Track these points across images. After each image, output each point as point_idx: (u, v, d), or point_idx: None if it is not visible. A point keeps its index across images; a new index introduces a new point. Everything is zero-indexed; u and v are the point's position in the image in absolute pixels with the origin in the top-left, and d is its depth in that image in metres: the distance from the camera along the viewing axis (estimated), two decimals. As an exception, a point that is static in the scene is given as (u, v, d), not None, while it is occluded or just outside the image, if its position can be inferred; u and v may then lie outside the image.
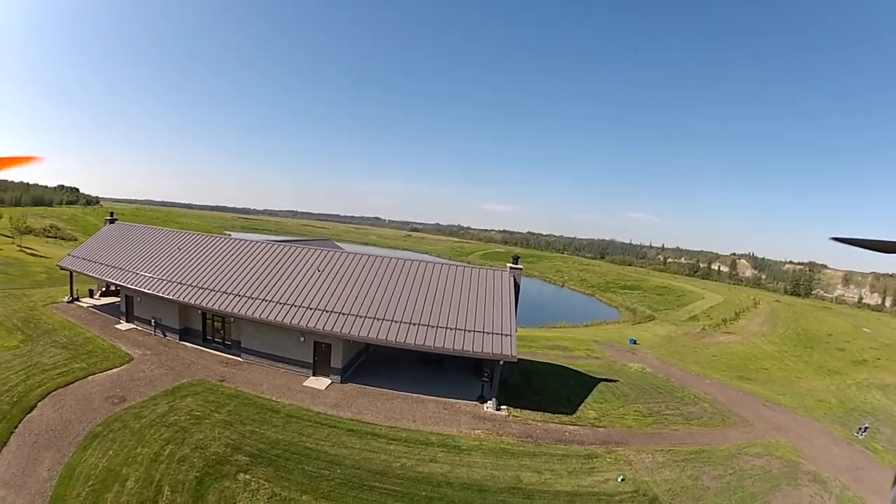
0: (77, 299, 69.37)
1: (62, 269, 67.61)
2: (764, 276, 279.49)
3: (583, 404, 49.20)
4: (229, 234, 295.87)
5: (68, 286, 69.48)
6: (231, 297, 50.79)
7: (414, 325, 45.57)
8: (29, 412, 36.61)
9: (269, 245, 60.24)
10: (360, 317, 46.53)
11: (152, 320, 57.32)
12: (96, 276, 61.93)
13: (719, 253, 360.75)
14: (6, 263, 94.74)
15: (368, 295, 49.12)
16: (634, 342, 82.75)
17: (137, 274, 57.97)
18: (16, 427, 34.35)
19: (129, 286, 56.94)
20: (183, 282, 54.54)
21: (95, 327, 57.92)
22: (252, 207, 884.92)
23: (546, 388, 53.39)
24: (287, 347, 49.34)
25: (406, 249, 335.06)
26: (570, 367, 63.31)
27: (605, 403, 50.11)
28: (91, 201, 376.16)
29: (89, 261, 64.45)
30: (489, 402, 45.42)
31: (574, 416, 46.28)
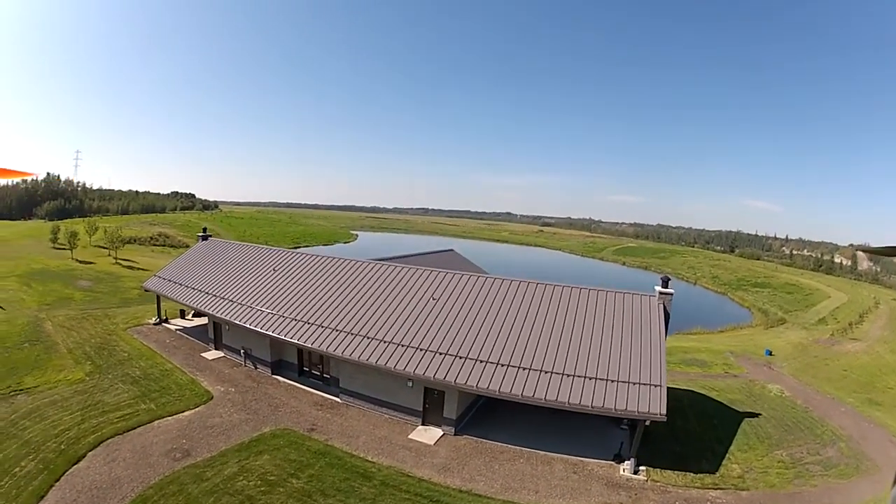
0: (165, 321, 64.79)
1: (146, 290, 62.73)
2: (879, 269, 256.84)
3: (727, 455, 39.55)
4: (357, 234, 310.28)
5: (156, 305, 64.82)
6: (328, 332, 43.27)
7: (544, 373, 36.25)
8: (76, 463, 32.12)
9: (375, 267, 52.31)
10: (480, 361, 37.78)
11: (242, 350, 51.32)
12: (180, 300, 56.66)
13: (838, 244, 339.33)
14: (95, 279, 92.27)
15: (490, 332, 40.36)
16: (770, 353, 76.39)
17: (225, 300, 52.07)
18: (57, 480, 30.09)
19: (215, 314, 51.00)
20: (275, 311, 47.73)
21: (178, 356, 52.71)
22: (382, 206, 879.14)
23: (689, 432, 43.10)
24: (393, 391, 41.36)
25: (539, 246, 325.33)
26: (712, 393, 54.33)
27: (748, 452, 40.21)
28: (208, 206, 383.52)
29: (175, 283, 59.41)
30: (627, 462, 35.70)
31: (717, 474, 36.54)
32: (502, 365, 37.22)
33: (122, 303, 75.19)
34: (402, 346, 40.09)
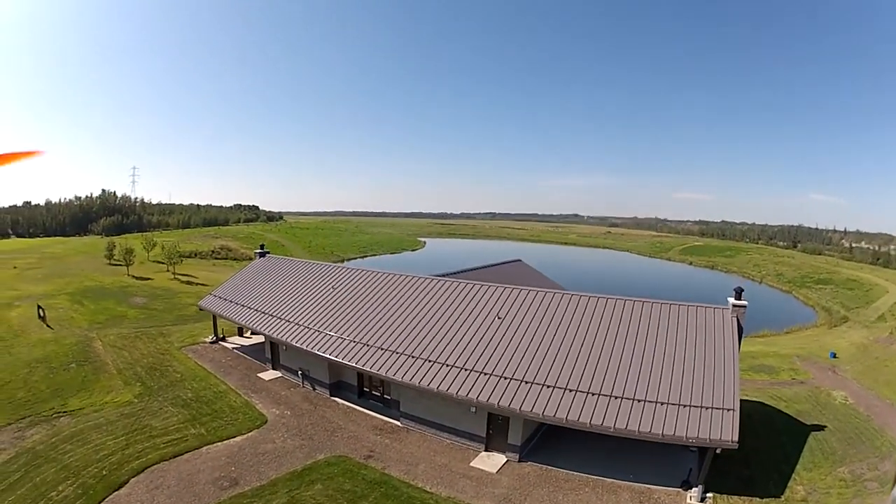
0: (223, 339, 64.57)
1: (201, 309, 62.18)
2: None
3: (792, 476, 36.73)
4: (424, 242, 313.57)
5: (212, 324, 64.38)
6: (388, 354, 41.62)
7: (613, 398, 33.64)
8: (117, 489, 31.27)
9: (437, 283, 50.41)
10: (546, 387, 35.41)
11: (299, 371, 50.29)
12: (236, 320, 56.18)
13: (893, 234, 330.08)
14: (152, 296, 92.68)
15: (558, 354, 37.96)
16: (835, 356, 75.33)
17: (282, 320, 51.10)
18: None
19: (271, 335, 50.12)
20: (333, 332, 46.40)
21: (234, 376, 52.02)
22: (449, 212, 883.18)
23: (758, 451, 39.74)
24: (455, 416, 39.33)
25: (606, 248, 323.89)
26: (780, 405, 51.71)
27: (813, 470, 37.23)
28: (272, 217, 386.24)
29: (231, 301, 59.04)
30: (694, 489, 32.99)
31: (782, 497, 33.80)
32: (570, 390, 34.84)
33: (178, 320, 75.10)
34: (465, 370, 38.14)
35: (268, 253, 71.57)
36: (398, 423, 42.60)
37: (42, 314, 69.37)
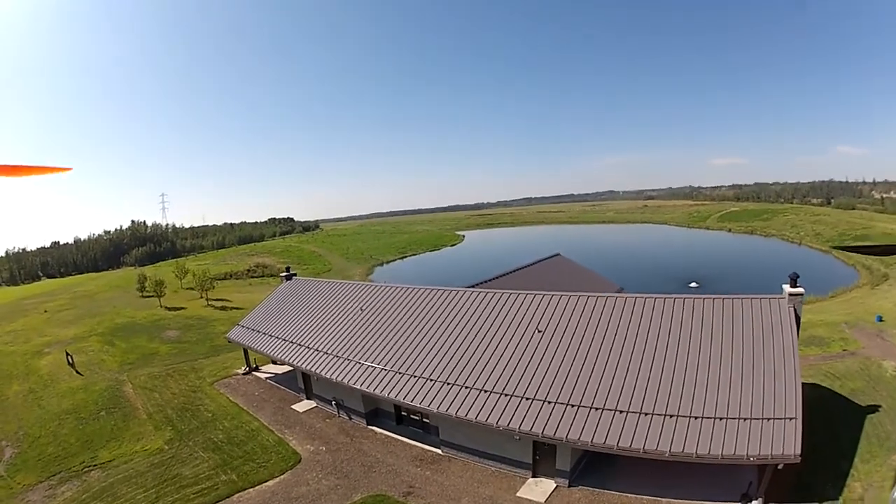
0: (256, 369, 62.83)
1: (230, 342, 60.48)
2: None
3: (850, 472, 33.61)
4: (463, 235, 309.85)
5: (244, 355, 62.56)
6: (422, 382, 39.04)
7: (668, 417, 30.33)
8: None
9: (471, 296, 47.02)
10: (594, 409, 32.24)
11: (333, 401, 48.12)
12: (264, 352, 54.30)
13: None
14: (185, 327, 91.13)
15: (605, 371, 34.62)
16: (881, 320, 73.05)
17: (311, 350, 49.05)
18: None
19: (301, 366, 48.13)
20: (364, 361, 44.06)
21: (267, 411, 50.11)
22: (485, 202, 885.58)
23: (815, 448, 35.88)
24: (498, 443, 36.17)
25: (643, 222, 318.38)
26: (835, 384, 48.76)
27: (870, 462, 34.01)
28: (308, 227, 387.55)
29: (258, 332, 57.25)
30: (754, 502, 30.25)
31: (839, 500, 30.72)
32: (619, 412, 31.62)
33: (212, 351, 73.55)
34: (506, 395, 35.16)
35: (294, 275, 69.71)
36: (439, 452, 40.01)
37: (71, 360, 68.30)
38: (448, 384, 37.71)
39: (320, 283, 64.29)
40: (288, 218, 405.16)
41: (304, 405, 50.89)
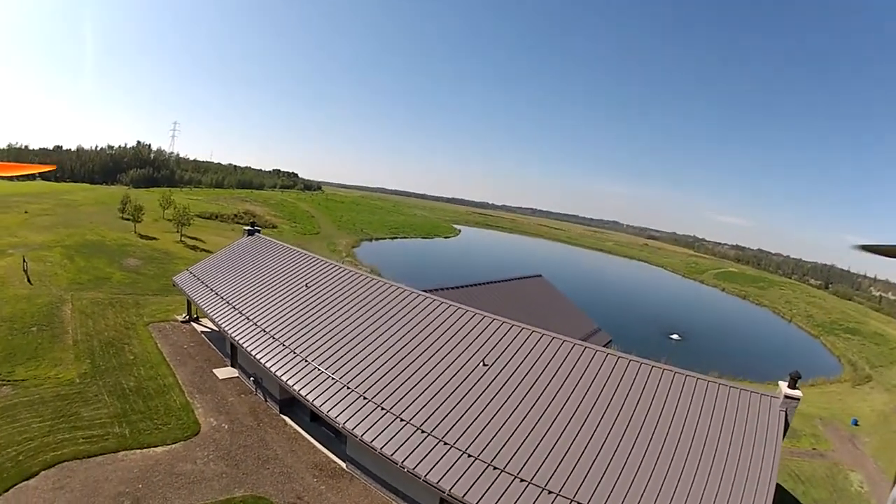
0: (196, 319, 59.05)
1: (174, 285, 57.36)
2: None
3: None
4: (459, 230, 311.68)
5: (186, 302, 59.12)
6: (338, 387, 34.13)
7: None
8: (27, 479, 29.06)
9: (425, 303, 41.73)
10: (533, 485, 26.30)
11: (251, 377, 44.02)
12: (200, 305, 50.08)
13: None
14: (148, 258, 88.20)
15: (548, 432, 29.00)
16: (856, 423, 72.40)
17: (242, 315, 44.90)
18: (5, 491, 27.76)
19: (227, 331, 43.78)
20: (288, 343, 39.68)
21: (187, 369, 46.41)
22: (490, 202, 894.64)
23: None
24: (405, 479, 29.89)
25: (642, 260, 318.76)
26: (798, 489, 46.28)
27: None
28: (310, 187, 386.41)
29: (202, 282, 53.21)
30: None
31: None
32: (555, 494, 25.80)
33: (162, 290, 69.71)
34: (423, 432, 29.77)
35: (258, 231, 65.58)
36: (343, 466, 35.50)
37: (26, 268, 66.35)
38: (365, 399, 32.80)
39: (279, 247, 59.33)
40: (292, 173, 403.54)
41: (225, 372, 46.86)
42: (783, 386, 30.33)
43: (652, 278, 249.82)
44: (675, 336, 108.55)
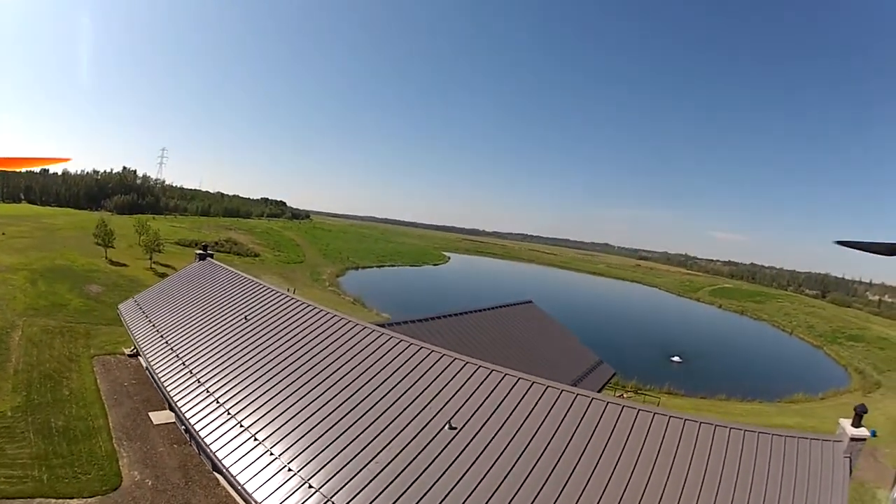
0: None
1: (118, 314, 52.60)
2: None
3: None
4: (448, 256, 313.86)
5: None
6: (263, 454, 26.14)
7: None
8: None
9: (388, 343, 32.50)
10: None
11: (184, 426, 36.77)
12: (134, 336, 44.74)
13: None
14: (113, 285, 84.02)
15: None
16: (875, 435, 67.00)
17: (173, 352, 38.72)
18: None
19: (152, 369, 38.25)
20: (214, 391, 32.59)
21: (122, 410, 41.29)
22: (481, 229, 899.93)
23: None
24: None
25: (635, 281, 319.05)
26: None
27: None
28: (298, 215, 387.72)
29: (142, 312, 48.02)
30: None
31: None
32: None
33: (117, 319, 64.18)
34: None
35: (211, 255, 59.72)
36: None
37: (-15, 290, 63.37)
38: (290, 472, 24.75)
39: (228, 273, 52.55)
40: (280, 201, 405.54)
41: (162, 416, 40.87)
42: (845, 425, 24.03)
43: (646, 299, 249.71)
44: (676, 358, 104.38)
